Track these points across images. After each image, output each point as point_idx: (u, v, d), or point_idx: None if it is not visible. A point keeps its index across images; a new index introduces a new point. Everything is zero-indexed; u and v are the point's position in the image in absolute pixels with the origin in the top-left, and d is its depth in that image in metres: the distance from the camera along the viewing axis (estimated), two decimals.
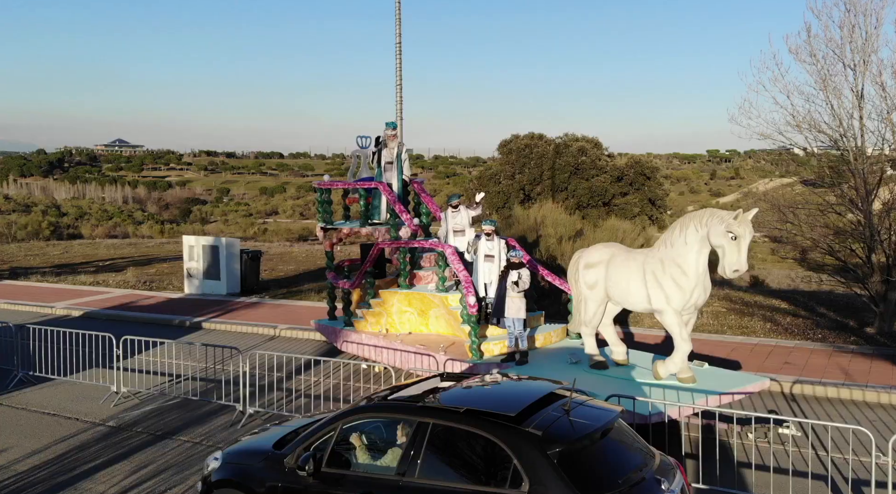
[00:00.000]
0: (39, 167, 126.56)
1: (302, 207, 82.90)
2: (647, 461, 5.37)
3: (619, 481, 4.96)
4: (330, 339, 13.48)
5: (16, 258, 31.05)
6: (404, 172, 12.93)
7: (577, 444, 5.06)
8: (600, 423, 5.29)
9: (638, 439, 5.62)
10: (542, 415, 5.28)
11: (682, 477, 5.54)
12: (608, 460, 5.17)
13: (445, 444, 5.29)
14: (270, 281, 22.62)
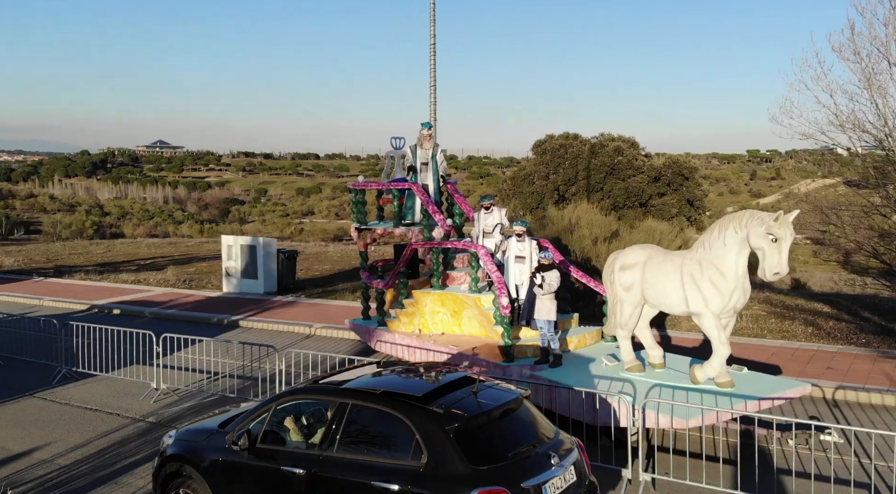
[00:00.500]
0: (83, 168, 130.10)
1: (337, 208, 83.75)
2: (543, 438, 5.96)
3: (508, 454, 5.58)
4: (364, 339, 13.57)
5: (60, 256, 31.97)
6: (440, 171, 12.94)
7: (473, 421, 5.64)
8: (498, 403, 5.90)
9: (541, 419, 6.25)
10: (448, 397, 5.89)
11: (579, 456, 6.13)
12: (502, 435, 5.73)
13: (361, 422, 5.90)
14: (306, 280, 22.89)
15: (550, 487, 5.58)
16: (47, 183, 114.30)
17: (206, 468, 6.39)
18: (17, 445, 9.31)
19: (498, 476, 5.35)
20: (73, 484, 8.04)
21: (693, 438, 8.90)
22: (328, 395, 6.26)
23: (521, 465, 5.55)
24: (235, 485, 6.24)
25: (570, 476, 5.86)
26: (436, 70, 15.20)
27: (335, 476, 5.73)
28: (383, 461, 5.64)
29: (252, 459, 6.16)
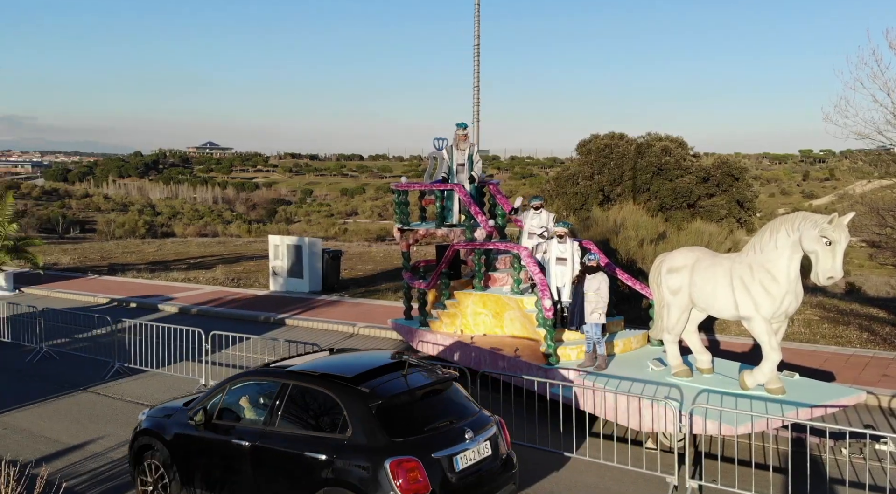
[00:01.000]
0: (136, 168, 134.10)
1: (380, 208, 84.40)
2: (463, 416, 6.58)
3: (424, 428, 6.22)
4: (406, 339, 13.64)
5: (114, 255, 33.02)
6: (474, 171, 12.91)
7: (395, 399, 6.29)
8: (422, 384, 6.55)
9: (465, 400, 6.89)
10: (377, 378, 6.53)
11: (497, 433, 6.75)
12: (421, 412, 6.39)
13: (300, 400, 6.59)
14: (350, 280, 23.13)
15: (462, 459, 6.23)
16: (102, 183, 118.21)
17: (169, 441, 7.18)
18: (72, 438, 9.64)
19: (411, 447, 6.00)
20: (124, 478, 8.27)
21: (742, 445, 8.67)
22: (273, 377, 6.95)
23: (434, 438, 6.18)
24: (192, 456, 7.02)
25: (485, 451, 6.49)
26: (479, 71, 15.20)
27: (274, 448, 6.43)
28: (316, 434, 6.32)
29: (207, 433, 6.92)
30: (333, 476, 6.03)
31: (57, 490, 5.89)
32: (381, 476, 5.85)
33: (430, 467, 5.98)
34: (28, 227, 48.14)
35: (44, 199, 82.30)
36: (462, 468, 6.19)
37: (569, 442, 8.73)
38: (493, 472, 6.52)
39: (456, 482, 6.10)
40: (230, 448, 6.72)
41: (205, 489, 6.92)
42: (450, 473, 6.09)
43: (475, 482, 6.29)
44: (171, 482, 7.10)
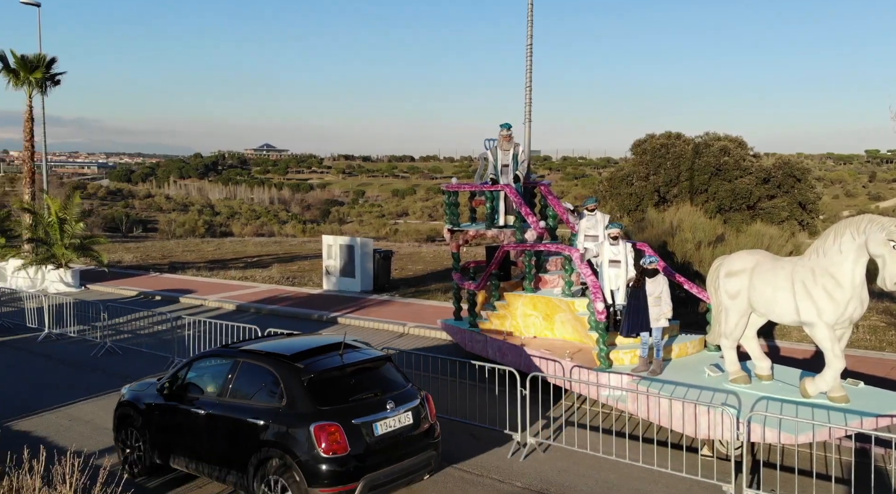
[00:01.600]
0: (196, 169, 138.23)
1: (431, 209, 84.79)
2: (389, 390, 7.39)
3: (349, 399, 7.07)
4: (455, 339, 13.64)
5: (174, 253, 34.11)
6: (518, 170, 12.81)
7: (325, 374, 7.15)
8: (352, 362, 7.43)
9: (396, 377, 7.70)
10: (313, 357, 7.40)
11: (421, 406, 7.51)
12: (349, 385, 7.22)
13: (247, 375, 7.52)
14: (400, 280, 23.29)
15: (381, 425, 7.06)
16: (163, 184, 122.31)
17: (143, 410, 8.31)
18: None
19: (334, 414, 6.84)
20: (181, 472, 8.51)
21: (802, 455, 8.36)
22: (228, 355, 7.91)
23: (357, 407, 7.03)
24: (159, 422, 8.09)
25: (406, 420, 7.31)
26: (532, 71, 15.07)
27: (223, 414, 7.40)
28: (258, 404, 7.24)
29: (172, 403, 7.99)
30: (270, 438, 6.96)
31: (119, 481, 6.10)
32: (308, 438, 6.70)
33: (350, 431, 6.81)
34: (94, 226, 50.21)
35: (109, 199, 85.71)
36: (381, 433, 7.04)
37: (621, 448, 8.58)
38: (412, 439, 7.31)
39: (374, 445, 6.95)
40: (190, 415, 7.74)
41: (170, 451, 7.97)
42: (369, 437, 6.94)
43: (393, 445, 7.10)
44: (145, 444, 8.20)
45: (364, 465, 6.84)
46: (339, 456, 6.70)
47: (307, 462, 6.68)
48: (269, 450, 6.93)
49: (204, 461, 7.61)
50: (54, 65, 26.95)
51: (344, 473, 6.70)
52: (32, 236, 24.26)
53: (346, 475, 6.72)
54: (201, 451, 7.61)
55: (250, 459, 7.05)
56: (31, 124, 27.04)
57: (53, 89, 27.38)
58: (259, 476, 7.01)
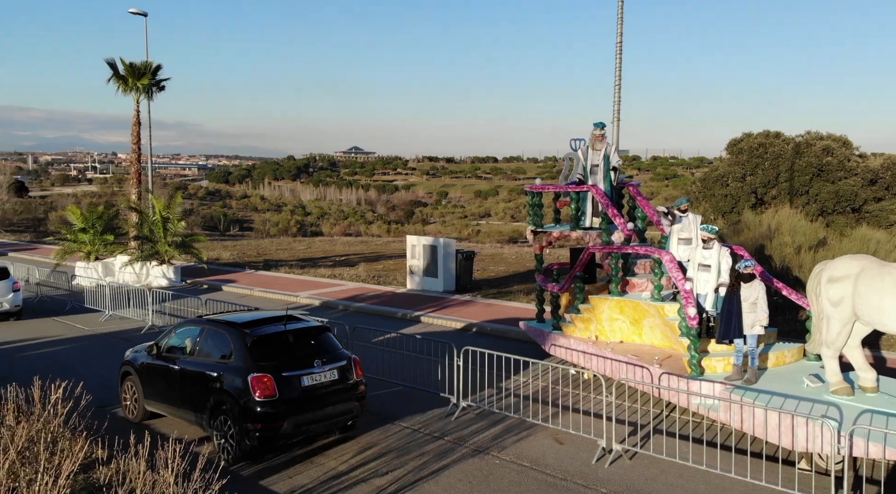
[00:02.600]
0: (289, 171, 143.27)
1: (513, 210, 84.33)
2: (321, 352, 9.10)
3: (282, 356, 8.77)
4: (538, 341, 13.53)
5: (268, 251, 35.50)
6: (612, 164, 12.53)
7: (265, 338, 8.90)
8: (292, 329, 9.16)
9: (331, 343, 9.41)
10: (259, 325, 9.22)
11: (347, 366, 9.18)
12: (285, 347, 8.92)
13: (210, 339, 9.39)
14: (482, 280, 23.32)
15: (308, 378, 8.75)
16: (259, 185, 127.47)
17: (137, 368, 10.32)
18: None
19: (268, 368, 8.59)
20: (274, 460, 8.86)
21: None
22: (198, 324, 9.88)
23: (289, 364, 8.72)
24: (148, 377, 10.10)
25: (332, 376, 8.96)
26: (621, 68, 14.75)
27: (190, 369, 9.32)
28: (215, 360, 9.11)
29: (157, 361, 9.94)
30: (221, 386, 8.78)
31: (215, 469, 6.41)
32: (246, 386, 8.46)
33: (280, 381, 8.54)
34: (194, 225, 52.94)
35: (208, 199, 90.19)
36: (307, 385, 8.74)
37: (712, 458, 8.27)
38: (336, 391, 8.98)
39: (300, 394, 8.66)
40: (168, 370, 9.68)
41: (155, 398, 9.98)
42: (296, 387, 8.65)
43: (316, 395, 8.78)
44: (139, 394, 10.22)
45: (291, 409, 8.52)
46: (270, 400, 8.43)
47: (245, 404, 8.44)
48: (220, 395, 8.78)
49: (175, 405, 9.55)
50: (159, 71, 28.60)
51: (273, 414, 8.42)
52: (138, 234, 25.85)
53: (275, 415, 8.43)
54: (174, 397, 9.57)
55: (207, 402, 8.91)
56: (137, 128, 28.81)
57: (158, 94, 29.06)
58: (212, 415, 8.86)
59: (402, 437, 9.57)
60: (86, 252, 25.70)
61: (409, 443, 9.34)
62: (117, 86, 28.30)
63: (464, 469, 8.51)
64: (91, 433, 7.75)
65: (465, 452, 9.02)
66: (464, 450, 9.09)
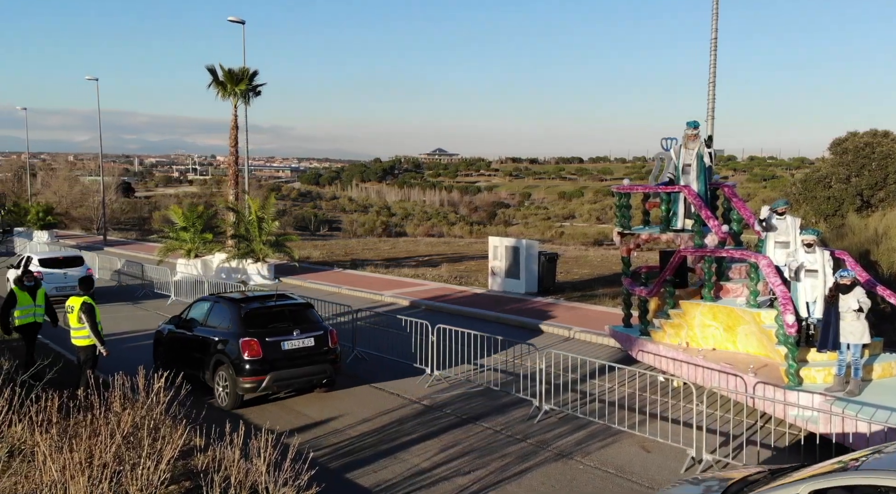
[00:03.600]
0: (376, 173, 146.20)
1: (599, 211, 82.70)
2: (301, 322, 11.19)
3: (268, 326, 10.93)
4: (624, 347, 13.22)
5: (355, 251, 36.38)
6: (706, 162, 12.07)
7: (256, 310, 11.19)
8: (279, 304, 11.47)
9: (312, 316, 11.54)
10: (253, 301, 11.53)
11: (324, 336, 11.24)
12: (271, 318, 11.14)
13: (217, 311, 11.61)
14: (565, 283, 23.01)
15: (287, 343, 10.86)
16: (347, 186, 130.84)
17: (165, 336, 12.61)
18: (317, 414, 10.80)
19: (256, 335, 10.74)
20: (360, 454, 9.08)
21: None
22: (209, 300, 12.29)
23: (272, 331, 10.88)
24: (172, 344, 12.34)
25: (308, 342, 11.03)
26: (716, 65, 14.20)
27: (200, 335, 11.60)
28: (219, 327, 11.30)
29: (178, 331, 12.21)
30: (220, 348, 11.04)
31: (304, 460, 6.62)
32: (238, 348, 10.65)
33: (265, 345, 10.69)
34: (286, 225, 54.92)
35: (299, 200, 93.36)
36: (286, 348, 10.87)
37: None
38: (311, 355, 11.05)
39: (280, 355, 10.79)
40: (185, 337, 11.97)
41: (176, 361, 11.75)
42: (277, 350, 10.79)
43: (294, 357, 10.90)
44: (165, 357, 12.30)
45: (272, 366, 10.69)
46: (255, 359, 10.60)
47: (236, 362, 10.66)
48: (219, 355, 10.98)
49: (188, 365, 11.41)
50: (255, 77, 29.84)
51: (258, 369, 10.59)
52: (235, 233, 27.07)
53: (259, 371, 10.60)
54: (188, 359, 11.68)
55: (211, 361, 11.13)
56: (235, 132, 30.17)
57: (254, 99, 30.33)
58: (213, 371, 11.13)
59: (484, 438, 9.58)
60: (186, 249, 27.15)
61: (492, 444, 9.33)
62: (217, 92, 29.70)
63: (547, 472, 8.43)
64: (190, 421, 8.16)
65: (548, 456, 8.94)
66: (546, 454, 9.00)
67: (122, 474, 6.48)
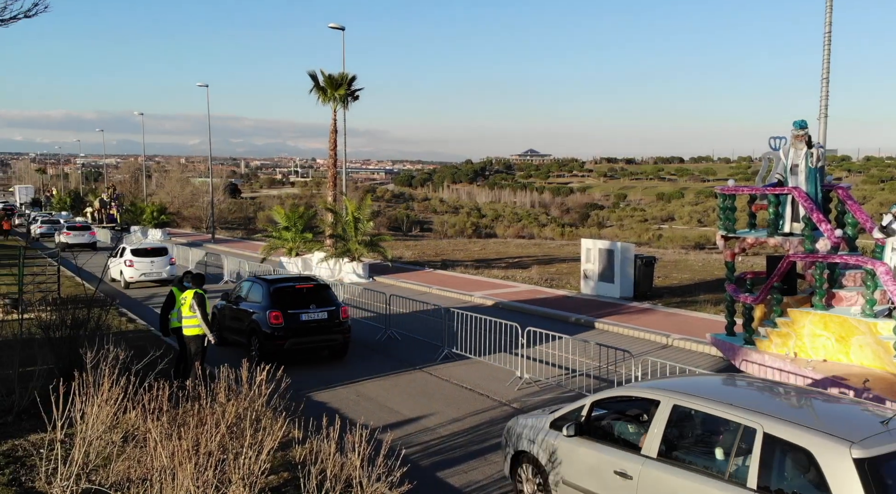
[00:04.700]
0: (466, 175, 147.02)
1: (700, 214, 79.57)
2: (318, 300, 13.81)
3: (290, 301, 13.54)
4: (727, 356, 12.64)
5: (446, 252, 36.69)
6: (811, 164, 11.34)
7: (282, 289, 13.84)
8: (300, 285, 14.12)
9: (329, 295, 14.19)
10: (283, 281, 14.41)
11: (336, 310, 13.83)
12: (295, 296, 13.74)
13: (254, 289, 14.42)
14: (663, 288, 22.27)
15: (304, 315, 13.44)
16: (438, 188, 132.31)
17: (220, 310, 15.22)
18: (409, 411, 10.96)
19: (280, 307, 13.35)
20: (450, 453, 9.14)
21: None
22: (251, 280, 15.17)
23: (293, 305, 13.50)
24: (222, 315, 15.03)
25: (322, 316, 13.64)
26: (829, 61, 13.35)
27: (241, 308, 14.30)
28: (255, 301, 13.94)
29: (230, 307, 14.90)
30: (254, 318, 13.61)
31: (396, 456, 6.72)
32: (266, 318, 13.20)
33: (287, 316, 13.31)
34: (380, 225, 56.18)
35: (393, 202, 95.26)
36: (303, 319, 13.46)
37: None
38: (325, 326, 13.68)
39: (298, 325, 13.39)
40: (232, 310, 14.75)
41: (227, 329, 14.78)
42: (297, 320, 13.40)
43: (310, 327, 13.53)
44: (219, 327, 14.43)
45: (292, 333, 13.31)
46: (279, 326, 13.22)
47: (264, 329, 13.28)
48: (253, 324, 13.59)
49: (234, 333, 14.48)
50: (354, 82, 30.69)
51: (281, 336, 13.23)
52: (333, 233, 27.95)
53: (282, 336, 13.23)
54: (234, 328, 14.53)
55: (247, 328, 13.77)
56: (334, 135, 31.14)
57: (352, 103, 31.19)
58: (249, 336, 13.71)
59: None
60: (288, 248, 28.29)
61: None
62: (317, 97, 30.78)
63: None
64: (289, 414, 8.47)
65: None
66: None
67: (226, 462, 6.79)
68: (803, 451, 5.06)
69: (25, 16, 8.93)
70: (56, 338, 10.75)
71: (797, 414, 5.61)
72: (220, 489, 6.38)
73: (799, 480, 5.10)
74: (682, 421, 6.08)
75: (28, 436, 8.87)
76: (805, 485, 5.03)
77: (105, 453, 7.64)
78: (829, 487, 4.83)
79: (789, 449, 5.16)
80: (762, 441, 5.26)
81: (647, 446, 6.06)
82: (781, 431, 5.21)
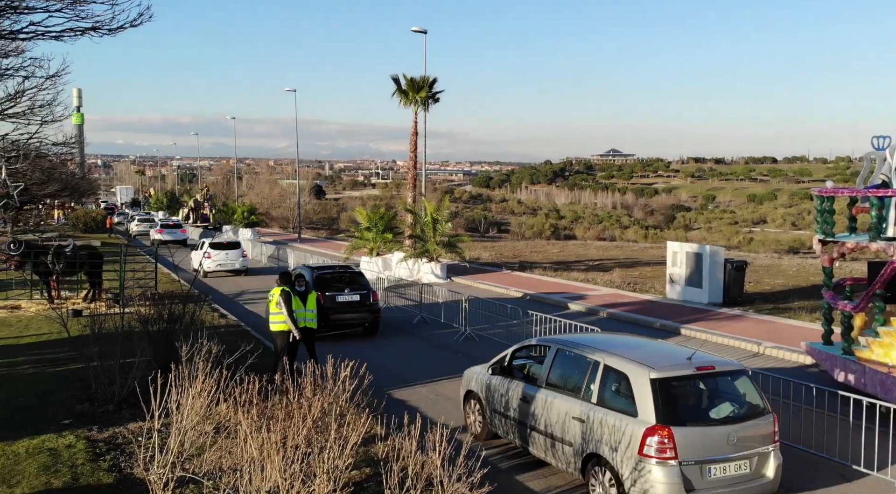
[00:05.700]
0: (545, 175, 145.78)
1: (794, 216, 75.82)
2: (353, 285, 16.67)
3: (331, 286, 16.51)
4: (823, 365, 11.99)
5: (523, 253, 36.48)
6: None
7: (324, 275, 16.81)
8: (339, 272, 17.33)
9: (363, 282, 16.96)
10: (325, 270, 17.52)
11: (367, 294, 16.62)
12: (335, 281, 16.69)
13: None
14: (755, 294, 21.35)
15: (340, 297, 16.27)
16: (516, 189, 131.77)
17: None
18: None
19: (323, 289, 15.85)
20: (529, 456, 9.04)
21: None
22: (301, 269, 17.02)
23: (332, 288, 16.33)
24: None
25: (355, 297, 16.38)
26: None
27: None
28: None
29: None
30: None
31: (477, 457, 6.71)
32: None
33: (327, 298, 15.70)
34: (458, 226, 56.48)
35: (470, 203, 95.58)
36: (340, 300, 16.16)
37: None
38: (356, 306, 16.30)
39: (335, 304, 16.04)
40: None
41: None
42: (334, 300, 16.08)
43: (344, 305, 16.17)
44: None
45: (331, 310, 15.74)
46: (324, 305, 14.82)
47: None
48: None
49: None
50: (435, 84, 30.99)
51: (326, 312, 15.03)
52: (412, 233, 28.30)
53: (327, 313, 15.23)
54: None
55: None
56: (415, 138, 31.54)
57: (433, 106, 31.50)
58: None
59: None
60: (369, 248, 28.87)
61: None
62: (399, 100, 31.27)
63: None
64: (372, 410, 8.63)
65: None
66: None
67: (311, 456, 6.98)
68: (623, 374, 7.47)
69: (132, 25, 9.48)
70: (154, 332, 11.38)
71: (630, 353, 7.85)
72: (306, 482, 6.57)
73: (621, 395, 7.44)
74: (562, 360, 8.45)
75: (128, 425, 9.43)
76: (624, 398, 7.38)
77: (198, 443, 8.01)
78: (634, 398, 7.23)
79: (616, 374, 7.58)
80: (602, 369, 7.71)
81: (541, 378, 8.54)
82: (613, 362, 7.65)
